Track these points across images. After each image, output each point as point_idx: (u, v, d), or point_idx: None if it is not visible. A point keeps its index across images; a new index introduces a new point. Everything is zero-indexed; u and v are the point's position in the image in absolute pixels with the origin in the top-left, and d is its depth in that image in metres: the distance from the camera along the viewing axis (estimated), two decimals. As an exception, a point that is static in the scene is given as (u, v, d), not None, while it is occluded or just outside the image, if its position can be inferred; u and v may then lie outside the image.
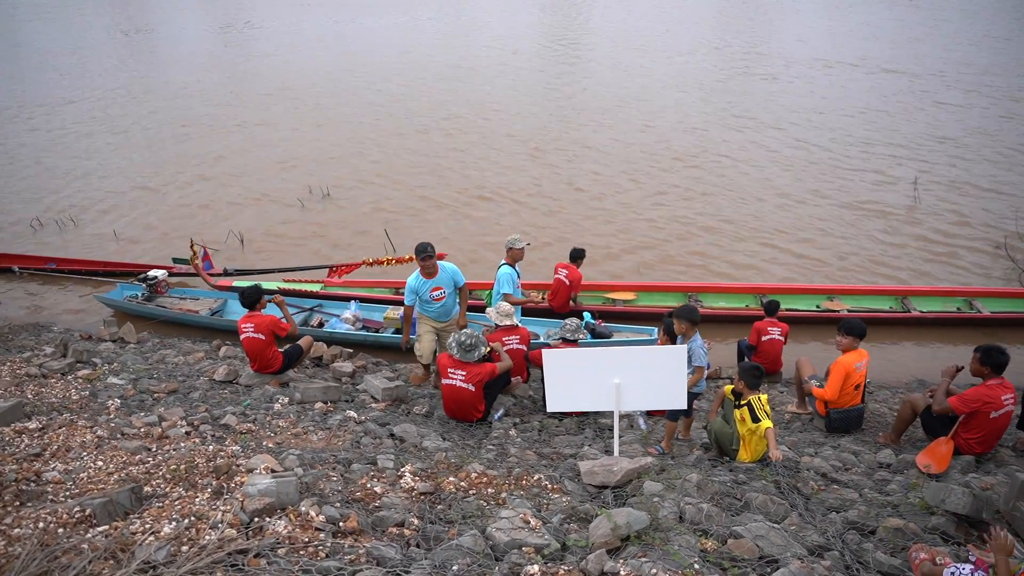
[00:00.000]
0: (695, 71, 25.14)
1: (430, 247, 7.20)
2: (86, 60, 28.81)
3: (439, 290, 7.45)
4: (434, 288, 7.41)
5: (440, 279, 7.44)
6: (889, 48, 28.21)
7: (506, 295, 8.22)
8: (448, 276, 7.52)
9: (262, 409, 6.37)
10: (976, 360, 5.81)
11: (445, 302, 7.55)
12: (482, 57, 28.31)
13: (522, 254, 8.54)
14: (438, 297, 7.48)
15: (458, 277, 7.58)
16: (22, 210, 13.86)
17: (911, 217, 13.05)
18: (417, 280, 7.41)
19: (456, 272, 7.58)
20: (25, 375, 7.09)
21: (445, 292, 7.49)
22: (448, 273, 7.53)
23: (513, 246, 8.42)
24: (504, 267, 8.37)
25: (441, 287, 7.46)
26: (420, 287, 7.41)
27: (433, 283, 7.40)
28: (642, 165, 15.79)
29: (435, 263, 7.33)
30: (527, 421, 6.87)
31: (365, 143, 17.48)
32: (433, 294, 7.42)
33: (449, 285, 7.53)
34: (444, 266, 7.52)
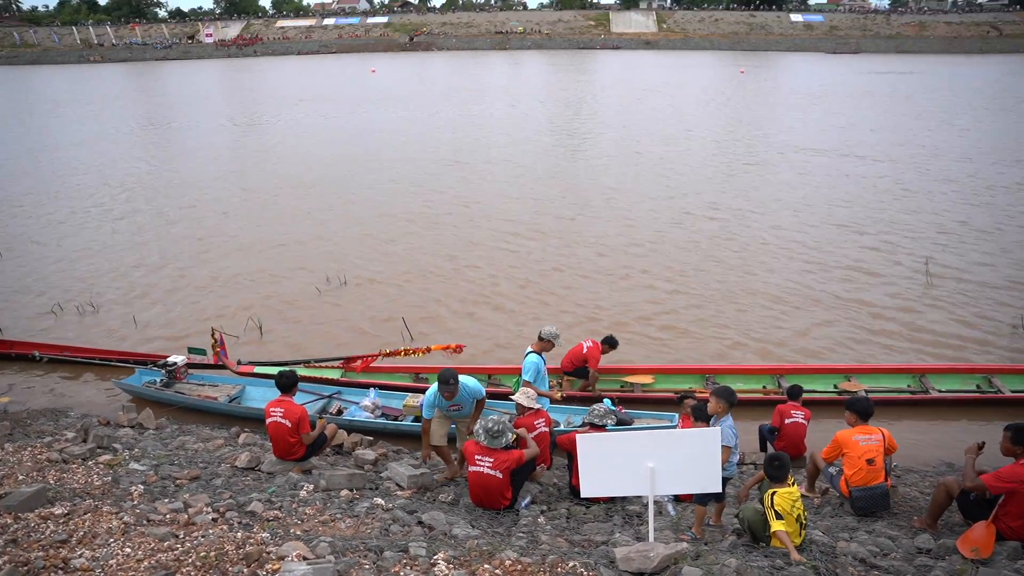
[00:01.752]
0: (712, 157, 25.81)
1: (453, 378, 7.04)
2: (105, 152, 29.77)
3: (456, 407, 7.39)
4: (452, 406, 7.35)
5: (460, 398, 7.31)
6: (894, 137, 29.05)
7: (526, 383, 8.20)
8: (468, 395, 7.38)
9: (287, 496, 6.30)
10: (1007, 439, 5.75)
11: (462, 411, 7.50)
12: (491, 149, 29.16)
13: (552, 347, 8.55)
14: (456, 412, 7.45)
15: (478, 394, 7.46)
16: (43, 296, 14.05)
17: (925, 296, 13.15)
18: (437, 398, 7.28)
19: (476, 391, 7.43)
20: (46, 460, 7.06)
21: (463, 407, 7.42)
22: (469, 392, 7.37)
23: (549, 339, 8.42)
24: (532, 355, 8.36)
25: (459, 405, 7.37)
26: (439, 403, 7.32)
27: (452, 401, 7.30)
28: (651, 247, 16.02)
29: (457, 389, 7.14)
30: (554, 508, 6.76)
31: (382, 232, 17.80)
32: (451, 411, 7.40)
33: (467, 403, 7.43)
34: (465, 384, 7.29)
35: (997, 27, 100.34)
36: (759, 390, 10.13)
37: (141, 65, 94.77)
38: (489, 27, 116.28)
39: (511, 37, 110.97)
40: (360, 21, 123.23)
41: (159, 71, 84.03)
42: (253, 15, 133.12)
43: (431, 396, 7.25)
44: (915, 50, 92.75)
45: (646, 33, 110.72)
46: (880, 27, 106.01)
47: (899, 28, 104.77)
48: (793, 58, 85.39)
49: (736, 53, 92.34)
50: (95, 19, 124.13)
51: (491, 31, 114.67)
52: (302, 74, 72.85)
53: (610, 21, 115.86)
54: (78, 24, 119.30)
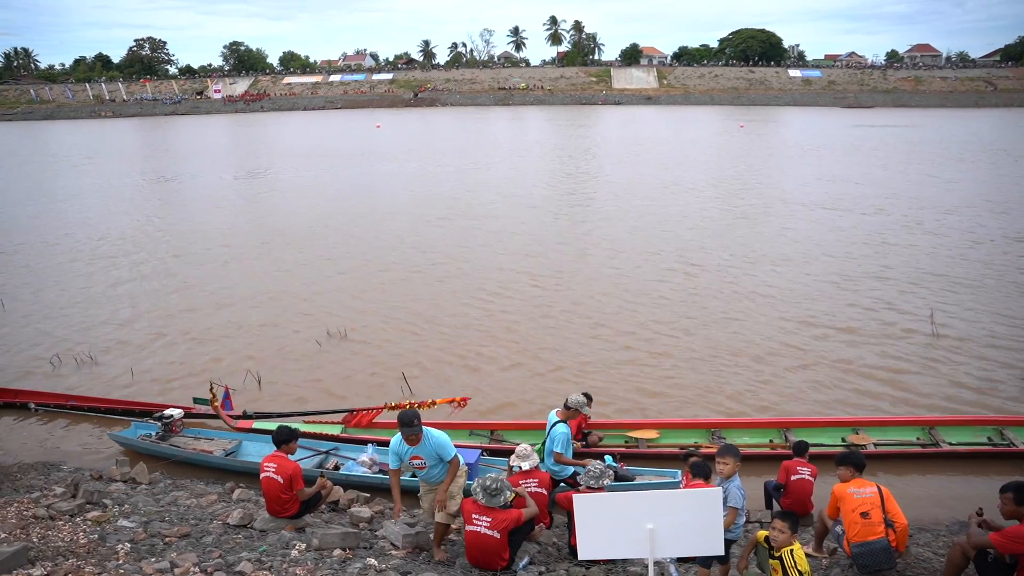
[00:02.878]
0: (714, 210, 25.96)
1: (416, 419, 6.70)
2: (108, 203, 30.13)
3: (419, 459, 6.90)
4: (414, 457, 6.89)
5: (422, 449, 6.83)
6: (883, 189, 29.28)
7: (557, 454, 7.98)
8: (431, 448, 6.85)
9: (278, 555, 6.11)
10: (1010, 501, 5.56)
11: (426, 472, 6.99)
12: (495, 202, 29.41)
13: (579, 415, 8.31)
14: (419, 466, 6.96)
15: (444, 451, 6.88)
16: (41, 346, 13.99)
17: (932, 347, 13.02)
18: (399, 443, 6.90)
19: (442, 445, 6.87)
20: (32, 516, 6.90)
21: (426, 464, 6.91)
22: (432, 445, 6.85)
23: (579, 409, 8.16)
24: (561, 425, 8.08)
25: (421, 457, 6.87)
26: (401, 451, 6.93)
27: (414, 451, 6.84)
28: (653, 301, 15.96)
29: (419, 433, 6.75)
30: (553, 569, 6.54)
31: (382, 287, 17.77)
32: (413, 462, 6.93)
33: (432, 458, 6.90)
34: (430, 436, 6.85)
35: (992, 82, 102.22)
36: (766, 444, 9.95)
37: (151, 120, 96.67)
38: (492, 83, 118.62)
39: (514, 93, 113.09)
40: (366, 78, 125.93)
41: (168, 125, 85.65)
42: (261, 72, 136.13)
43: (395, 443, 6.93)
44: (912, 104, 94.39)
45: (647, 89, 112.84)
46: (877, 82, 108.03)
47: (896, 83, 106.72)
48: (792, 112, 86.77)
49: (736, 108, 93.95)
50: (108, 76, 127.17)
51: (494, 87, 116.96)
52: (307, 129, 74.12)
53: (611, 77, 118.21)
54: (91, 81, 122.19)
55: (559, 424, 8.08)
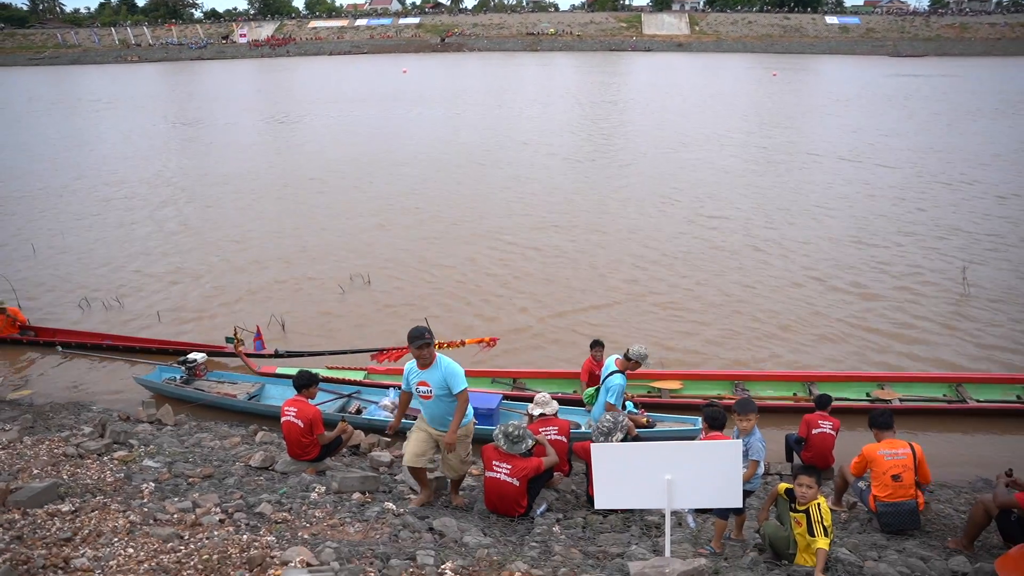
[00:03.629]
0: (739, 160, 25.42)
1: (427, 334, 6.15)
2: (136, 149, 30.20)
3: (425, 386, 6.31)
4: (420, 382, 6.32)
5: (430, 374, 6.27)
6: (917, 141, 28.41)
7: (609, 404, 7.72)
8: (441, 375, 6.25)
9: (298, 498, 6.19)
10: None
11: (431, 404, 6.37)
12: (520, 148, 29.03)
13: (639, 367, 7.94)
14: (424, 394, 6.36)
15: (453, 380, 6.24)
16: (71, 291, 14.19)
17: (962, 303, 12.74)
18: (411, 367, 6.43)
19: (453, 374, 6.25)
20: (62, 455, 7.05)
21: (432, 391, 6.28)
22: (441, 372, 6.25)
23: (639, 360, 7.80)
24: (618, 375, 7.79)
25: (428, 384, 6.28)
26: (410, 376, 6.41)
27: (422, 376, 6.30)
28: (682, 249, 15.75)
29: (432, 353, 6.23)
30: (570, 517, 6.57)
31: (406, 233, 17.74)
32: (419, 388, 6.35)
33: (440, 386, 6.27)
34: (442, 363, 6.30)
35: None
36: (790, 397, 9.85)
37: (177, 65, 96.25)
38: (520, 28, 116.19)
39: (542, 38, 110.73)
40: (392, 22, 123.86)
41: (194, 70, 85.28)
42: (286, 16, 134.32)
43: (408, 367, 6.48)
44: (956, 52, 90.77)
45: (678, 35, 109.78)
46: (919, 29, 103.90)
47: (939, 30, 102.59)
48: (827, 61, 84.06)
49: (769, 56, 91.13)
50: (133, 20, 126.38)
51: (522, 32, 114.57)
52: (333, 74, 73.39)
53: (642, 23, 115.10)
54: (116, 25, 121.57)
55: (616, 375, 7.78)
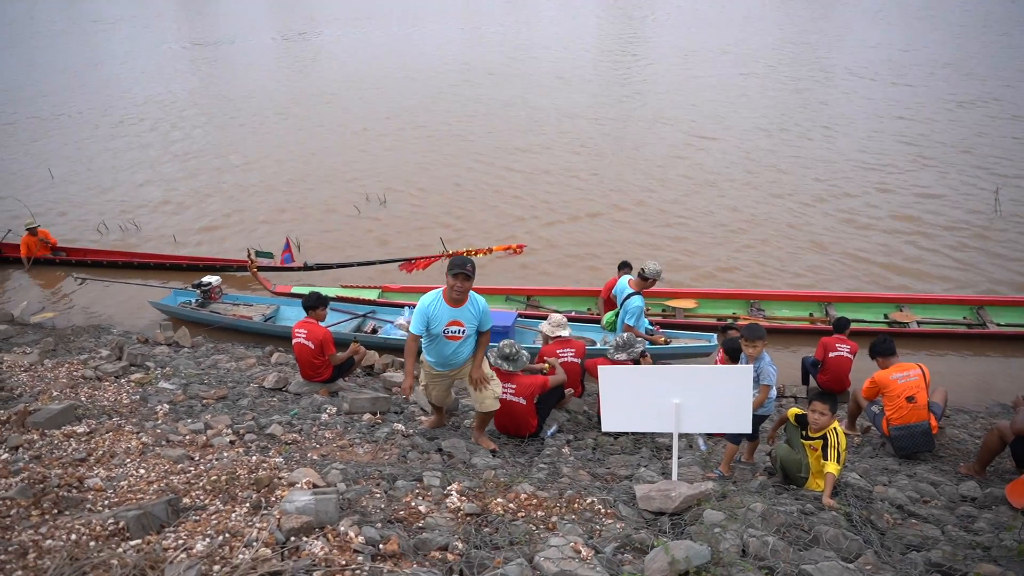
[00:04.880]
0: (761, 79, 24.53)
1: (472, 266, 5.40)
2: (153, 67, 29.76)
3: (458, 325, 5.53)
4: (453, 322, 5.50)
5: (464, 312, 5.53)
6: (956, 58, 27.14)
7: (627, 326, 7.69)
8: (475, 313, 5.59)
9: (309, 419, 6.25)
10: None
11: (459, 345, 5.65)
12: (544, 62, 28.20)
13: (654, 285, 7.83)
14: (454, 335, 5.56)
15: (486, 319, 5.69)
16: (86, 213, 14.25)
17: (991, 226, 12.36)
18: (435, 305, 5.49)
19: (486, 311, 5.68)
20: (81, 377, 7.16)
21: (465, 332, 5.59)
22: (478, 309, 5.60)
23: (654, 278, 7.66)
24: (635, 297, 7.68)
25: (462, 323, 5.54)
26: (436, 315, 5.49)
27: (455, 314, 5.50)
28: (702, 171, 15.36)
29: (469, 288, 5.52)
30: (581, 438, 6.59)
31: (422, 151, 17.48)
32: (450, 329, 5.52)
33: (472, 326, 5.62)
34: (475, 299, 5.62)
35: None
36: (806, 318, 9.71)
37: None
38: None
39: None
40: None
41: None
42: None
43: (427, 303, 5.52)
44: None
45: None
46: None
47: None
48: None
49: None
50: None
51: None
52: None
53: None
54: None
55: (634, 296, 7.67)
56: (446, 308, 5.49)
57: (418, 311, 5.53)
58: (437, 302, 5.50)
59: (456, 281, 5.35)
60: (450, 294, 5.45)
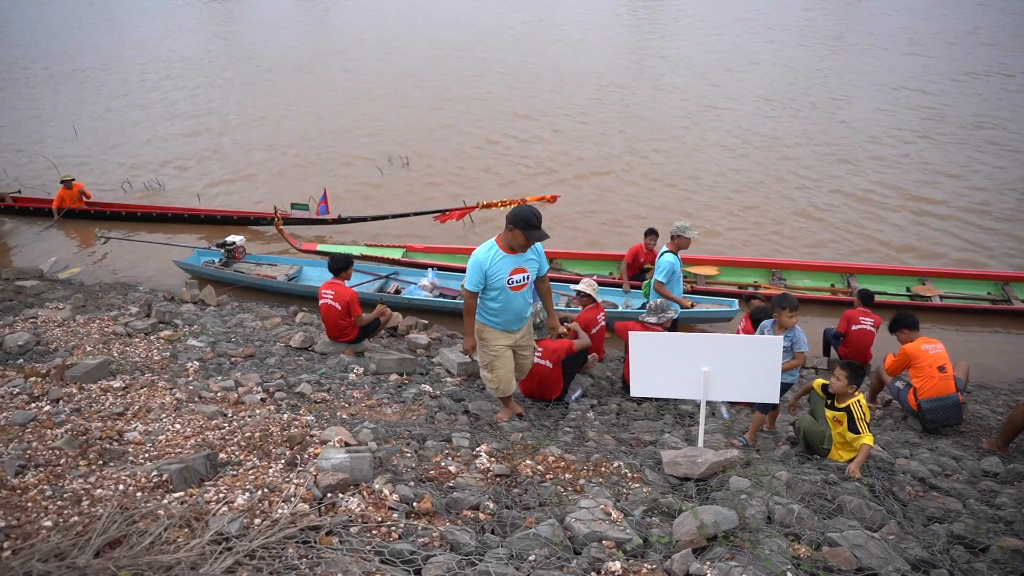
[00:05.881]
0: (783, 53, 24.10)
1: (537, 217, 5.02)
2: (170, 28, 29.57)
3: (522, 273, 5.17)
4: (516, 270, 5.12)
5: (525, 258, 5.19)
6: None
7: (657, 283, 7.56)
8: (536, 256, 5.28)
9: (337, 378, 6.35)
10: None
11: (521, 295, 5.26)
12: (562, 26, 27.81)
13: (688, 243, 7.59)
14: (519, 284, 5.18)
15: (544, 259, 5.38)
16: (109, 171, 14.33)
17: (1019, 202, 12.20)
18: (493, 255, 5.09)
19: (543, 252, 5.39)
20: (112, 333, 7.28)
21: (528, 277, 5.25)
22: (538, 251, 5.28)
23: (681, 234, 7.51)
24: (667, 254, 7.54)
25: (526, 269, 5.18)
26: (496, 266, 5.07)
27: (517, 261, 5.13)
28: (725, 143, 15.21)
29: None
30: (605, 403, 6.66)
31: (445, 114, 17.39)
32: (514, 278, 5.14)
33: (534, 270, 5.30)
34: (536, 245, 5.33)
35: None
36: (827, 288, 9.70)
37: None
38: None
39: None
40: None
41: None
42: None
43: (484, 255, 5.13)
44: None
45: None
46: None
47: None
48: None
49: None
50: None
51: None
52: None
53: None
54: None
55: (666, 254, 7.58)
56: (506, 257, 5.13)
57: (474, 266, 5.14)
58: (494, 251, 5.13)
59: (532, 233, 5.02)
60: (513, 244, 5.11)
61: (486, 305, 5.31)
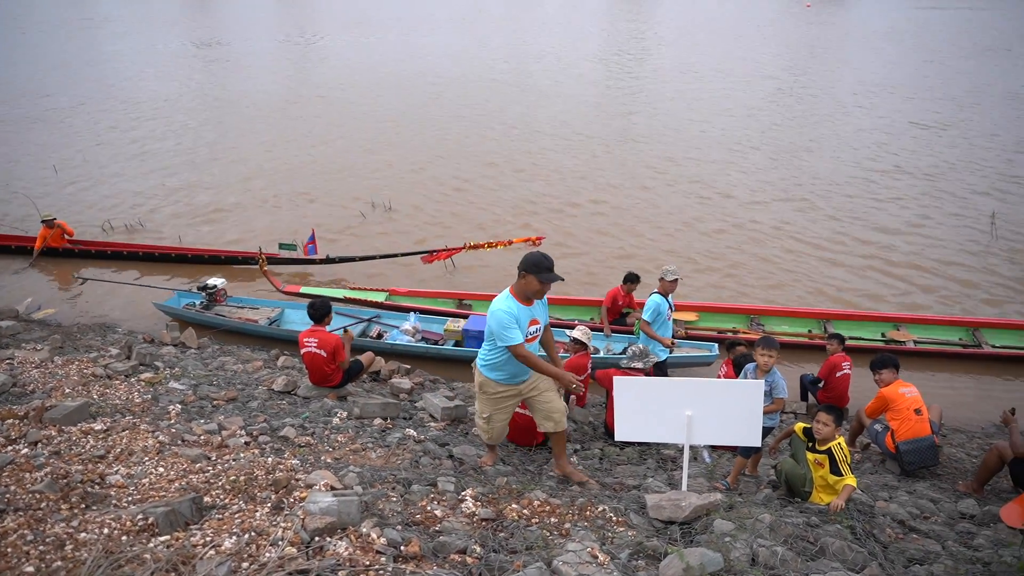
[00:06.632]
0: (762, 99, 24.82)
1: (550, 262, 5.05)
2: (150, 68, 29.80)
3: (536, 324, 5.22)
4: (532, 321, 5.16)
5: (538, 308, 5.23)
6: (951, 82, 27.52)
7: (643, 322, 7.79)
8: (544, 306, 5.32)
9: (320, 422, 6.33)
10: None
11: (535, 346, 5.31)
12: (544, 73, 28.42)
13: (674, 286, 7.90)
14: (532, 336, 5.20)
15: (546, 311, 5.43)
16: (91, 212, 14.29)
17: (987, 251, 12.57)
18: (515, 307, 5.05)
19: (546, 302, 5.42)
20: (91, 375, 7.21)
21: (539, 330, 5.29)
22: (544, 302, 5.31)
23: (664, 277, 7.82)
24: (654, 295, 7.83)
25: (539, 321, 5.24)
26: (521, 317, 5.07)
27: (532, 313, 5.15)
28: (707, 186, 15.54)
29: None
30: (588, 448, 6.70)
31: (426, 159, 17.61)
32: (530, 329, 5.15)
33: (544, 320, 5.36)
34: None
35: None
36: (804, 334, 9.87)
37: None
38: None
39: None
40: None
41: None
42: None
43: (511, 307, 5.02)
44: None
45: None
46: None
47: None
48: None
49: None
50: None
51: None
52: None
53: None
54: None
55: (654, 295, 7.85)
56: (524, 308, 5.11)
57: (509, 318, 4.99)
58: (514, 303, 5.07)
59: (548, 279, 4.99)
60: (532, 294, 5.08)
61: (493, 358, 5.23)
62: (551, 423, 5.44)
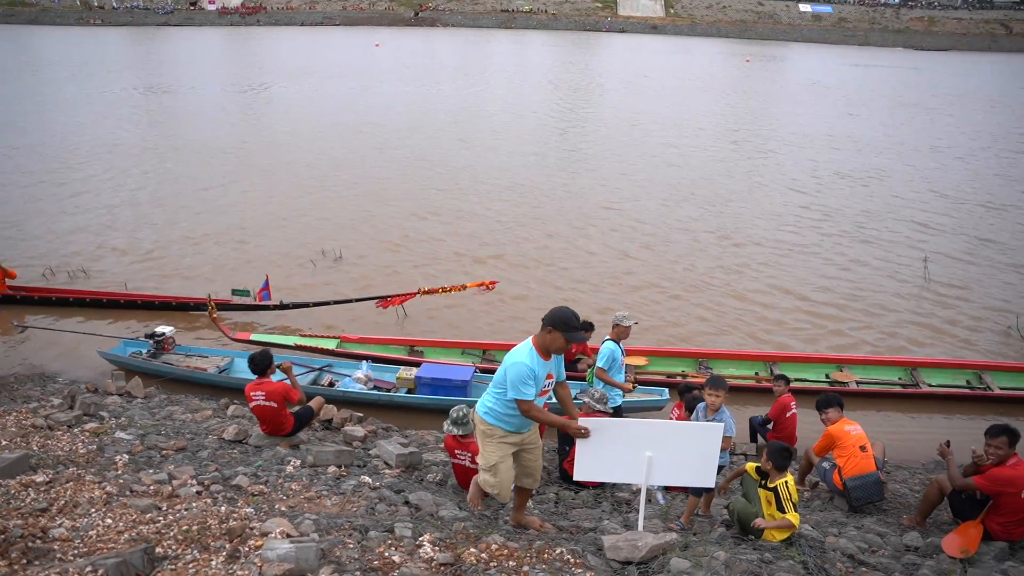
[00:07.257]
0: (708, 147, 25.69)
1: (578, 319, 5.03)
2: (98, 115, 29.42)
3: (551, 379, 5.19)
4: (549, 375, 5.11)
5: (553, 364, 5.15)
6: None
7: (599, 369, 7.85)
8: (560, 362, 5.25)
9: (274, 471, 6.23)
10: (1004, 445, 5.66)
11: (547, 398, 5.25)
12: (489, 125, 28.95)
13: (627, 332, 7.96)
14: (546, 389, 5.15)
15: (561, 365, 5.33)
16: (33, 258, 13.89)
17: (920, 294, 13.14)
18: (536, 361, 4.95)
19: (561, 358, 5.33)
20: (31, 426, 6.98)
21: (552, 383, 5.26)
22: (560, 357, 5.23)
23: (619, 323, 7.91)
24: (608, 342, 7.90)
25: (553, 375, 5.20)
26: (539, 372, 4.97)
27: (548, 367, 5.08)
28: (649, 231, 15.93)
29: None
30: (543, 493, 6.71)
31: (378, 208, 17.68)
32: (547, 383, 5.13)
33: (558, 374, 5.29)
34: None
35: (1008, 25, 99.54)
36: (751, 376, 10.11)
37: (141, 30, 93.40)
38: (495, 5, 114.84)
39: (517, 16, 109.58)
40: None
41: (160, 37, 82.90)
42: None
43: (531, 360, 4.91)
44: (924, 46, 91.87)
45: (653, 18, 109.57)
46: (889, 21, 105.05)
47: (908, 23, 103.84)
48: (799, 49, 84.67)
49: (743, 41, 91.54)
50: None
51: (497, 9, 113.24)
52: (305, 45, 72.03)
53: (617, 4, 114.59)
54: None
55: (607, 342, 7.92)
56: (543, 363, 5.02)
57: (526, 373, 4.87)
58: (536, 358, 4.96)
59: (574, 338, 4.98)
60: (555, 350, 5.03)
61: (507, 408, 5.08)
62: (531, 480, 5.44)
